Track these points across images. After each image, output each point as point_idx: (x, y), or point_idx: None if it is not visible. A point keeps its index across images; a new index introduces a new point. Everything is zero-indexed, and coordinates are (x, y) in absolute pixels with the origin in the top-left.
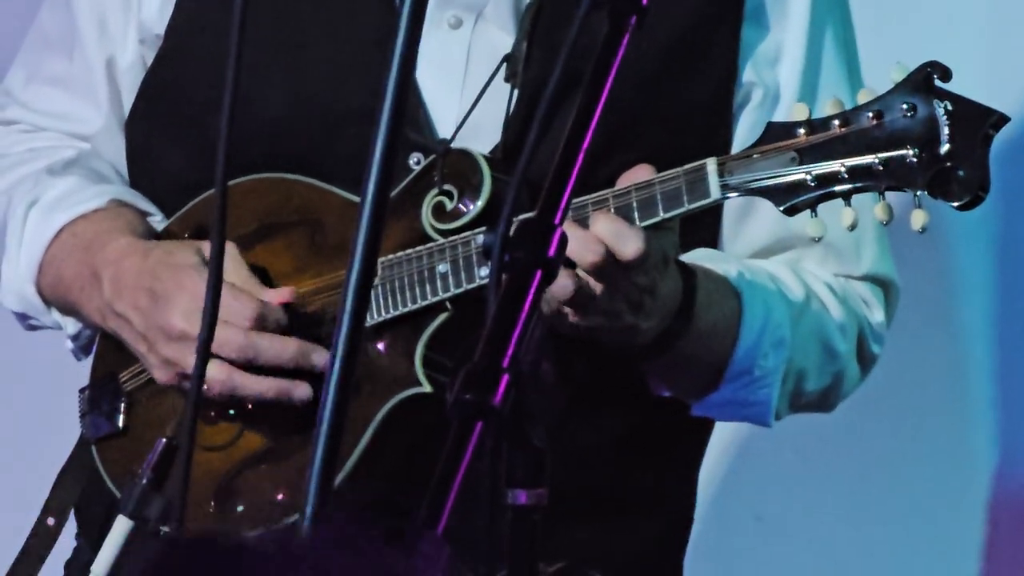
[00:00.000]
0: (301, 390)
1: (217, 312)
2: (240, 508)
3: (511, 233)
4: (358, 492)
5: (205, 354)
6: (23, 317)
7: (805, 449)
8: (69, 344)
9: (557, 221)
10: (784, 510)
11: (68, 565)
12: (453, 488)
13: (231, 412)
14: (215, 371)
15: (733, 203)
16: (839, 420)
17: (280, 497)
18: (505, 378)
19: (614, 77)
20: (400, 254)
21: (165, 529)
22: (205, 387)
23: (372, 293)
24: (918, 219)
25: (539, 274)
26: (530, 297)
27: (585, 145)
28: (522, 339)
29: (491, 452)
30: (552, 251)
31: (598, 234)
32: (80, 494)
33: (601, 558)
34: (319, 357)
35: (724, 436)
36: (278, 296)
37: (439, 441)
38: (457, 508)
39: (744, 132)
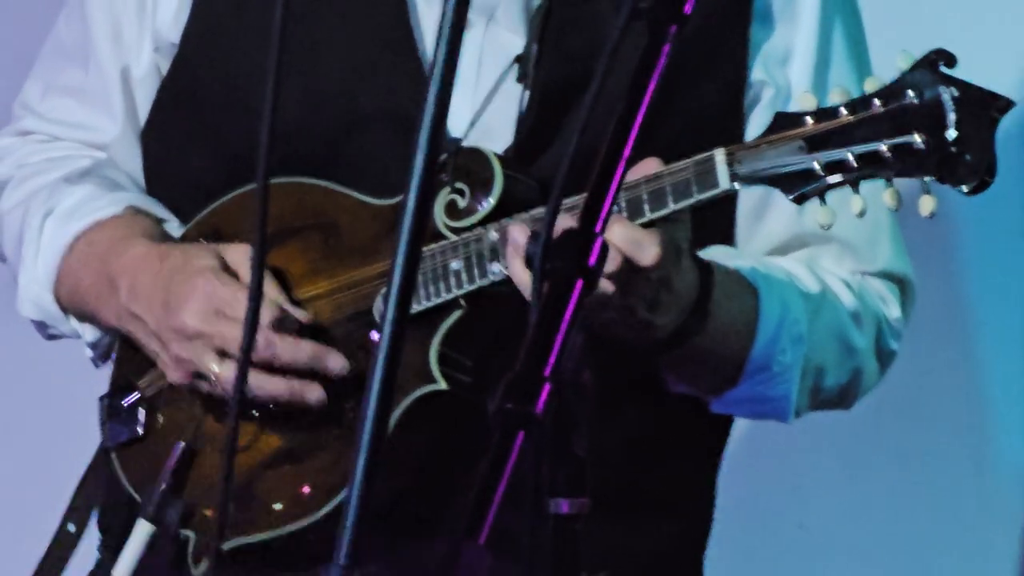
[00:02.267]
0: (315, 392)
1: (257, 319)
2: (275, 507)
3: (553, 242)
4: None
5: (246, 362)
6: (42, 326)
7: (847, 455)
8: (88, 352)
9: (598, 230)
10: (827, 518)
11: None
12: (495, 498)
13: (252, 413)
14: (231, 372)
15: (747, 202)
16: (880, 425)
17: (306, 491)
18: (547, 387)
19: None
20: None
21: (185, 533)
22: (223, 388)
23: (382, 292)
24: (927, 205)
25: (580, 283)
26: (571, 306)
27: (627, 154)
28: (564, 348)
29: (533, 462)
30: (593, 260)
31: (615, 242)
32: (101, 500)
33: (623, 557)
34: (333, 360)
35: (765, 442)
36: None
37: (455, 437)
38: (498, 517)
39: (755, 130)
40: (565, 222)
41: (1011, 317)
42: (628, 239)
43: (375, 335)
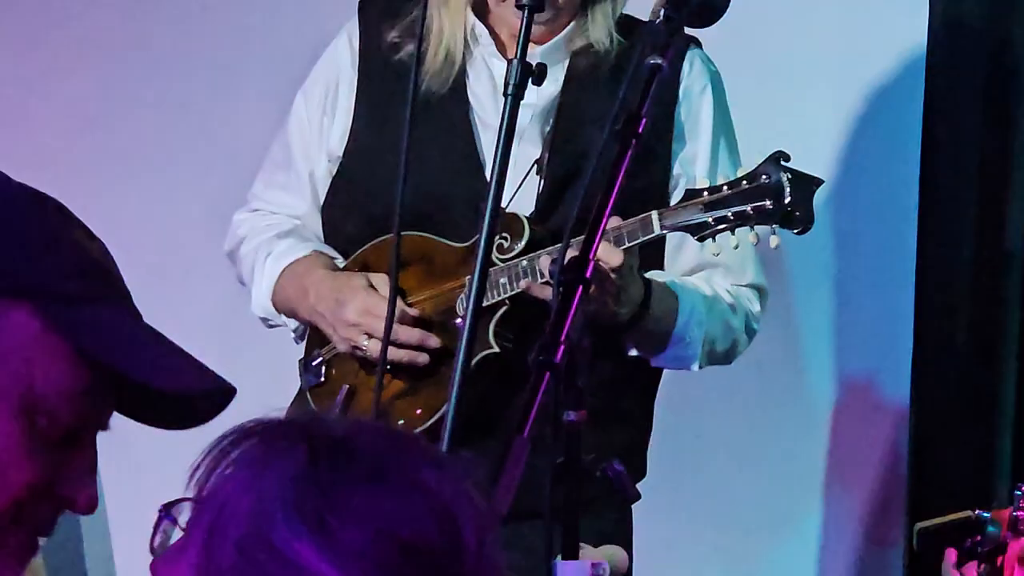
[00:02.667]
0: (421, 358)
1: (394, 317)
2: (400, 422)
3: (565, 265)
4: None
5: (386, 340)
6: (264, 320)
7: (724, 392)
8: (292, 334)
9: (592, 256)
10: (712, 432)
11: None
12: (532, 412)
13: (386, 368)
14: (376, 346)
15: (671, 242)
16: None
17: (418, 412)
18: (562, 347)
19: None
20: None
21: None
22: (370, 355)
23: (460, 297)
24: (774, 241)
25: (581, 288)
26: (575, 302)
27: (607, 213)
28: (573, 325)
29: (555, 390)
30: (589, 273)
31: (599, 255)
32: None
33: (602, 449)
34: (432, 340)
35: (677, 384)
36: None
37: (501, 381)
38: (532, 427)
39: (674, 200)
40: (572, 253)
41: (818, 312)
42: (604, 251)
43: (459, 321)
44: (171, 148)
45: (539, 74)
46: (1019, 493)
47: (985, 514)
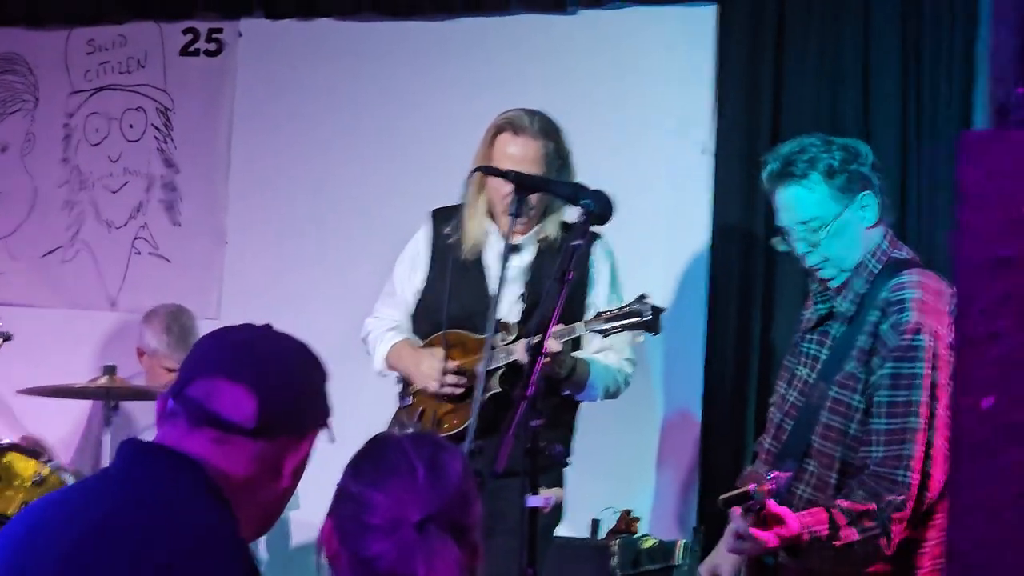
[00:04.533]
0: (459, 391)
1: (444, 369)
2: (445, 425)
3: (532, 347)
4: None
5: (445, 386)
6: (380, 373)
7: (599, 417)
8: (395, 380)
9: (545, 344)
10: (595, 436)
11: None
12: (515, 419)
13: (442, 396)
14: (437, 388)
15: (586, 336)
16: (609, 413)
17: (455, 422)
18: (531, 387)
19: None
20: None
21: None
22: (431, 392)
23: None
24: (639, 339)
25: (540, 360)
26: (538, 366)
27: (553, 321)
28: (537, 378)
29: (527, 409)
30: (544, 351)
31: (548, 345)
32: (396, 426)
33: (551, 440)
34: (465, 382)
35: (591, 408)
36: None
37: (502, 406)
38: (515, 431)
39: (589, 316)
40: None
41: (655, 371)
42: (552, 342)
43: (479, 372)
44: (333, 294)
45: (520, 251)
46: (769, 477)
47: (755, 489)
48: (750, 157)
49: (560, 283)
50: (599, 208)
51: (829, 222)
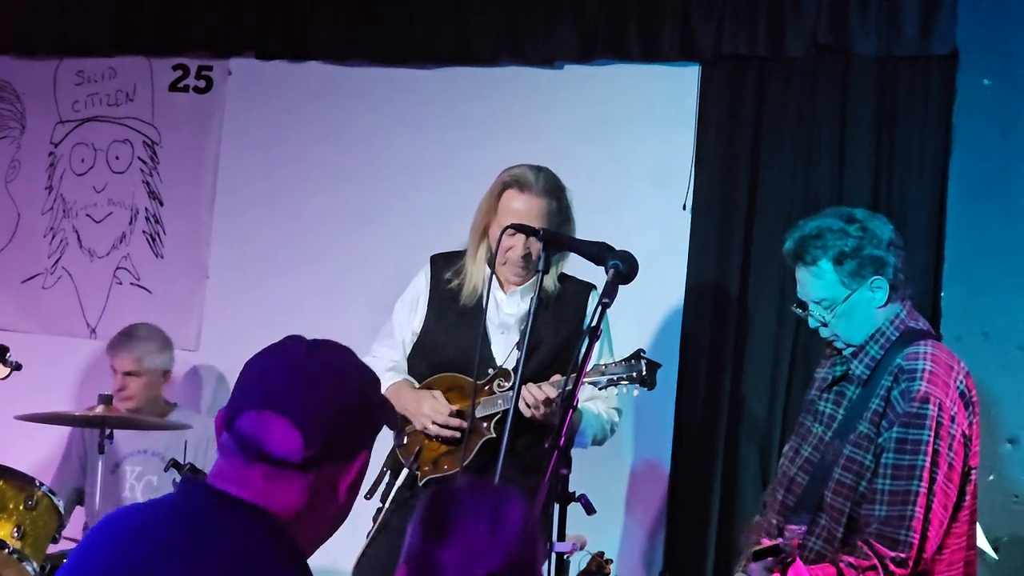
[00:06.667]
0: (456, 434)
1: (446, 411)
2: (445, 467)
3: (564, 406)
4: (465, 470)
5: (447, 425)
6: None
7: (596, 454)
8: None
9: (551, 397)
10: (588, 471)
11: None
12: (550, 468)
13: (439, 438)
14: (438, 431)
15: (587, 386)
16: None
17: (453, 463)
18: (563, 438)
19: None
20: (488, 398)
21: (415, 471)
22: (430, 431)
23: (479, 407)
24: (635, 391)
25: (571, 412)
26: (568, 420)
27: (581, 376)
28: (566, 431)
29: (557, 459)
30: (550, 398)
31: (545, 391)
32: (390, 466)
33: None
34: (463, 424)
35: (585, 452)
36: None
37: (493, 451)
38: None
39: (587, 368)
40: (540, 392)
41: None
42: (549, 389)
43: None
44: (313, 333)
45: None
46: (788, 534)
47: (785, 543)
48: (727, 215)
49: (591, 338)
50: (627, 268)
51: (838, 304)
